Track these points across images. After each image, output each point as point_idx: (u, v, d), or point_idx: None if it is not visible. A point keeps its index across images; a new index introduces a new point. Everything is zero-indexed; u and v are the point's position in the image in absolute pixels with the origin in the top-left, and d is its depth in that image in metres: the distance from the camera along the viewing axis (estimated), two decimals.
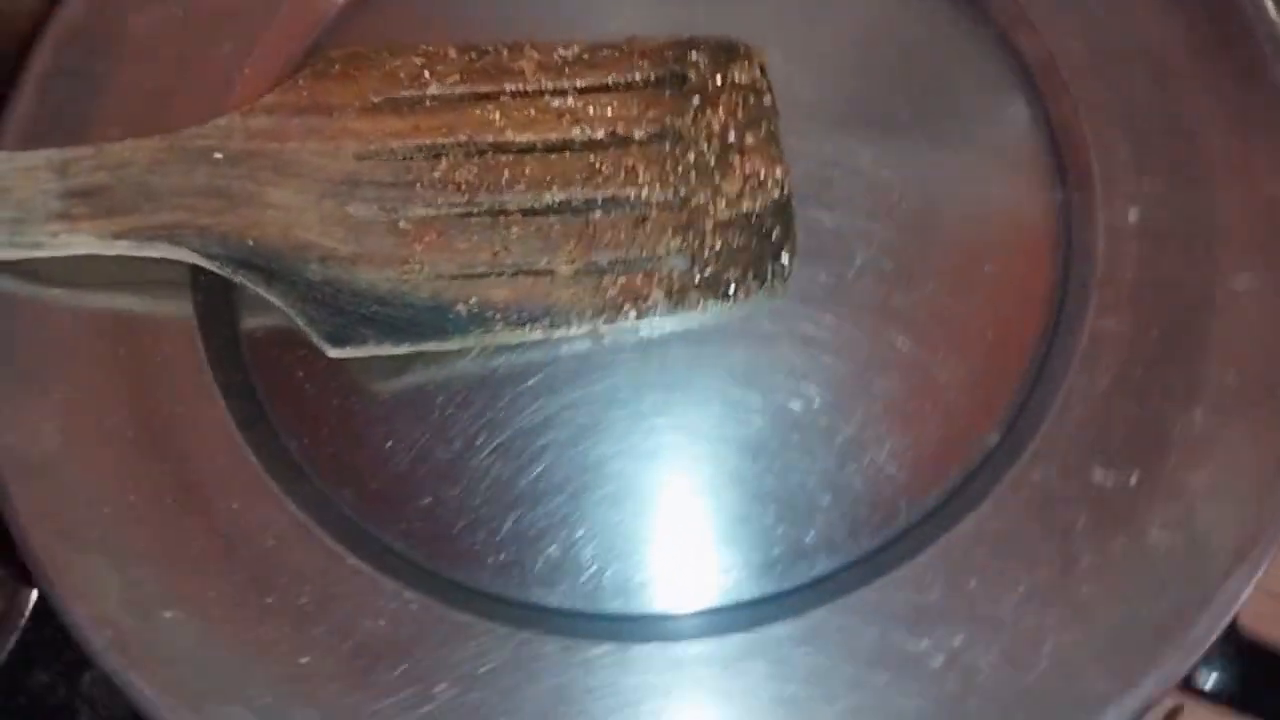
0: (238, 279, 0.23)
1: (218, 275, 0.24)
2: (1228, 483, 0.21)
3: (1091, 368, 0.23)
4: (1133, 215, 0.24)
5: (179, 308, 0.24)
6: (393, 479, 0.23)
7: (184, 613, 0.21)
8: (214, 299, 0.25)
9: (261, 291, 0.23)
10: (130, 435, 0.23)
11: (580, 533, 0.22)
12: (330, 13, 0.27)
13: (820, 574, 0.22)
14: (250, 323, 0.25)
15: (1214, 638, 0.20)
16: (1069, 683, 0.20)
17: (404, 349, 0.23)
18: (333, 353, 0.23)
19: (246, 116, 0.25)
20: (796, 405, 0.23)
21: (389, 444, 0.23)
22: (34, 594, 0.40)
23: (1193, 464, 0.21)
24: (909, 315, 0.24)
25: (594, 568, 0.22)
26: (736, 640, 0.21)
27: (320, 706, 0.20)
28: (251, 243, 0.23)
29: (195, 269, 0.24)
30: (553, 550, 0.22)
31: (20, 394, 0.23)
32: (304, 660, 0.21)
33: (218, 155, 0.24)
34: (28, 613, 0.40)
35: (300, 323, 0.23)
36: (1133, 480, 0.22)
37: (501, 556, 0.22)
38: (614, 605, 0.22)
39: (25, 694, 0.41)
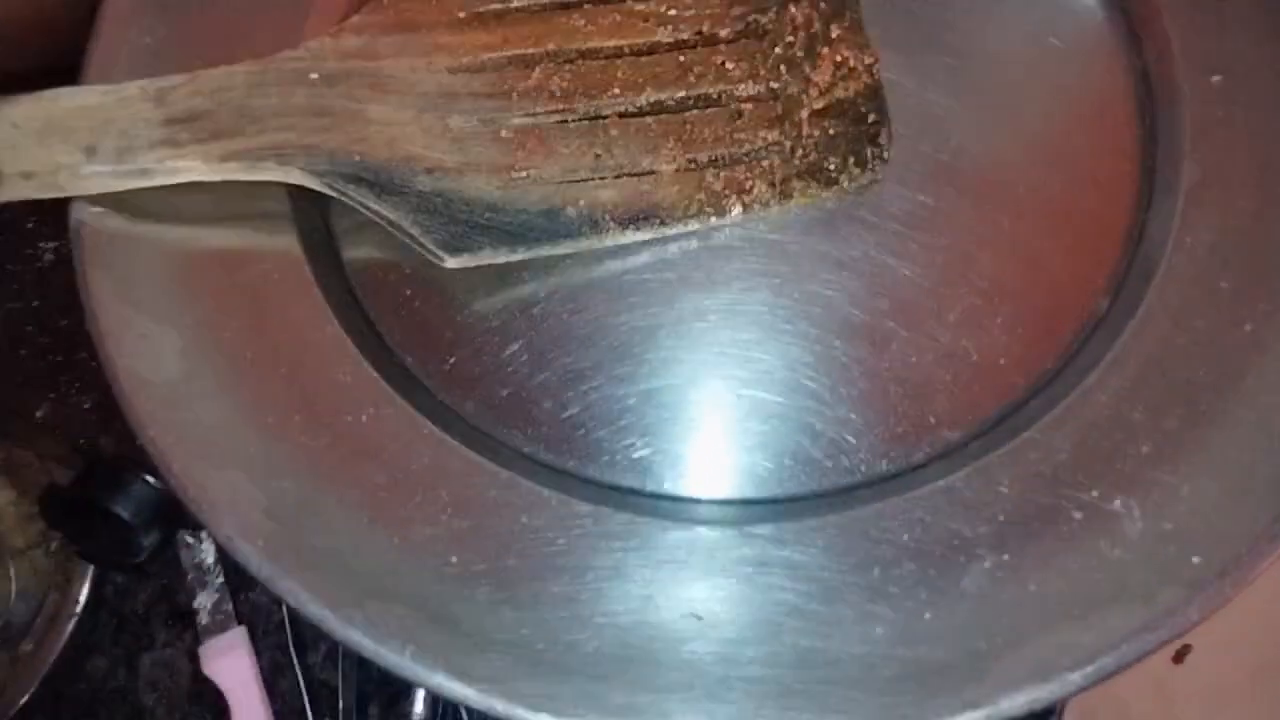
0: (348, 196, 0.23)
1: (316, 208, 0.24)
2: None
3: (1192, 226, 0.23)
4: (1216, 78, 0.24)
5: (284, 240, 0.24)
6: (516, 386, 0.23)
7: (331, 515, 0.21)
8: (315, 230, 0.25)
9: (372, 205, 0.23)
10: (250, 357, 0.23)
11: (710, 426, 0.23)
12: None
13: (946, 447, 0.22)
14: (353, 254, 0.25)
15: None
16: (1207, 532, 0.20)
17: (519, 255, 0.23)
18: (450, 262, 0.23)
19: (337, 38, 0.25)
20: (906, 286, 0.24)
21: (506, 353, 0.24)
22: (87, 584, 0.40)
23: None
24: (1005, 193, 0.24)
25: (736, 454, 0.22)
26: (871, 510, 0.21)
27: (479, 599, 0.20)
28: (358, 158, 0.23)
29: (295, 201, 0.24)
30: (685, 444, 0.23)
31: (140, 325, 0.23)
32: (453, 560, 0.21)
33: (314, 76, 0.24)
34: (82, 601, 0.40)
35: (415, 233, 0.23)
36: (1248, 327, 0.22)
37: (637, 452, 0.23)
38: (753, 492, 0.22)
39: (85, 680, 0.41)
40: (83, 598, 0.41)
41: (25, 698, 0.40)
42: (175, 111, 0.23)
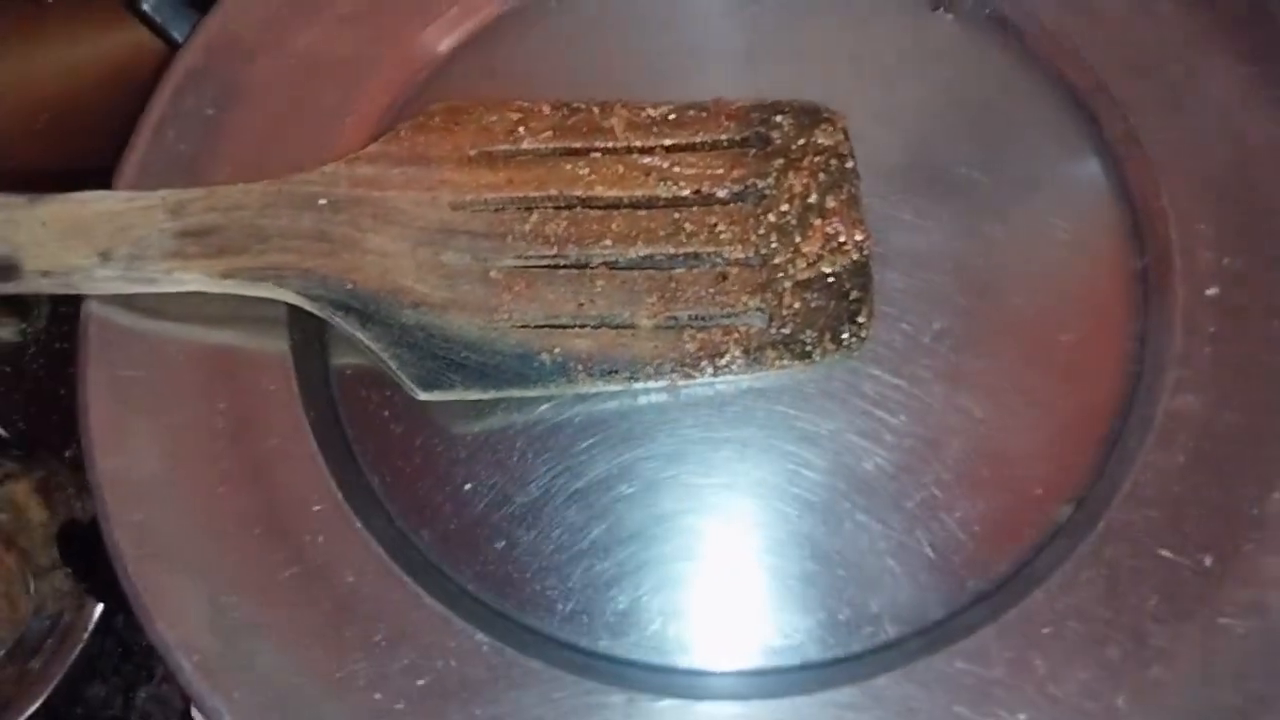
0: (335, 320, 0.24)
1: (313, 315, 0.25)
2: None
3: (1168, 444, 0.23)
4: (1212, 291, 0.24)
5: (276, 345, 0.25)
6: (469, 521, 0.24)
7: (266, 640, 0.22)
8: (308, 338, 0.26)
9: (356, 334, 0.24)
10: (225, 465, 0.24)
11: (647, 586, 0.23)
12: (431, 64, 0.29)
13: (885, 641, 0.22)
14: (340, 361, 0.26)
15: None
16: None
17: (490, 394, 0.24)
18: (422, 395, 0.24)
19: (351, 164, 0.26)
20: (868, 468, 0.24)
21: (467, 486, 0.24)
22: (98, 609, 0.42)
23: (1270, 548, 0.21)
24: (983, 382, 0.24)
25: (659, 622, 0.23)
26: (799, 703, 0.21)
27: None
28: (350, 286, 0.24)
29: (292, 308, 0.25)
30: (620, 601, 0.23)
31: (128, 420, 0.24)
32: (378, 696, 0.21)
33: (323, 201, 0.25)
34: (91, 627, 0.42)
35: (393, 366, 0.24)
36: (1207, 562, 0.21)
37: (571, 605, 0.23)
38: (679, 660, 0.22)
39: (83, 704, 0.42)
40: (92, 624, 0.42)
41: (26, 715, 0.41)
42: (189, 224, 0.25)
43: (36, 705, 0.41)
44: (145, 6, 0.30)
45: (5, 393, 0.41)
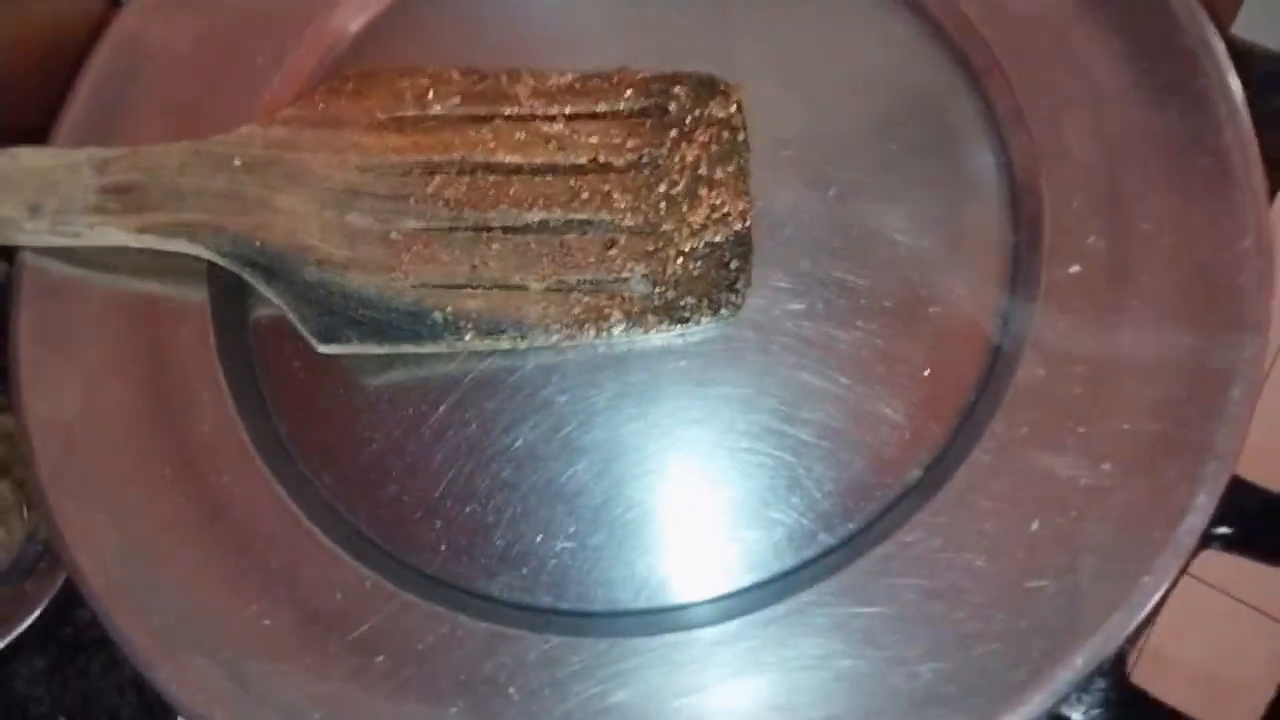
0: (244, 275, 0.26)
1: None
2: (1119, 538, 0.22)
3: (1012, 417, 0.24)
4: (1074, 269, 0.25)
5: (196, 294, 0.27)
6: (365, 467, 0.26)
7: (170, 569, 0.24)
8: (228, 289, 0.27)
9: (261, 288, 0.26)
10: (139, 407, 0.26)
11: (523, 529, 0.25)
12: (351, 32, 0.30)
13: (738, 588, 0.24)
14: (258, 312, 0.28)
15: (1081, 680, 0.21)
16: (939, 709, 0.21)
17: (384, 349, 0.26)
18: (321, 349, 0.26)
19: (266, 127, 0.27)
20: (737, 430, 0.25)
21: (366, 435, 0.26)
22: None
23: (1092, 516, 0.23)
24: (851, 352, 0.26)
25: (534, 564, 0.24)
26: (645, 644, 0.23)
27: (275, 664, 0.23)
28: (259, 244, 0.26)
29: (213, 266, 0.27)
30: (499, 542, 0.25)
31: (51, 364, 0.26)
32: (266, 622, 0.23)
33: (237, 162, 0.27)
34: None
35: (294, 319, 0.26)
36: (1033, 525, 0.23)
37: (453, 545, 0.25)
38: (547, 599, 0.24)
39: (71, 624, 0.45)
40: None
41: (21, 629, 0.44)
42: (112, 181, 0.26)
43: (28, 623, 0.44)
44: None
45: None
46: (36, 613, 0.44)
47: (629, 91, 0.28)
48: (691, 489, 0.25)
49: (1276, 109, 0.50)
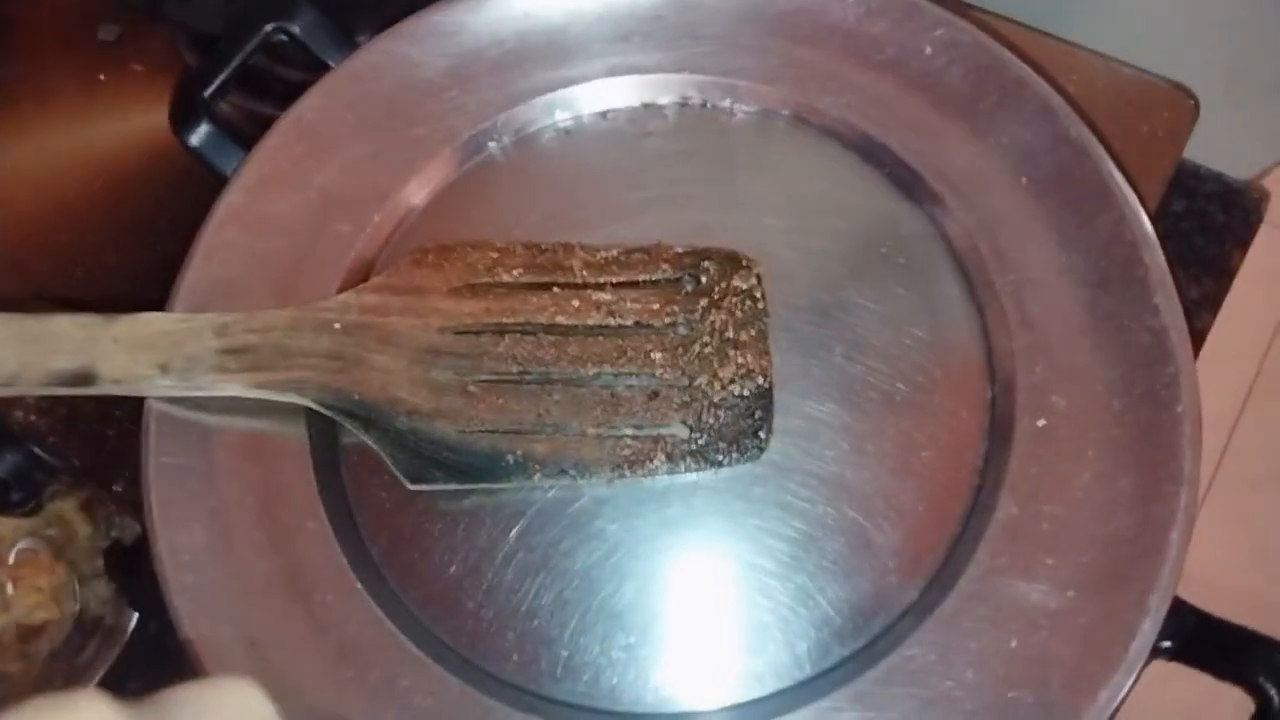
0: (345, 423, 0.31)
1: None
2: (1082, 656, 0.27)
3: (993, 549, 0.29)
4: (1041, 422, 0.30)
5: (296, 432, 0.32)
6: (446, 585, 0.30)
7: (287, 678, 0.28)
8: (323, 430, 0.32)
9: (360, 434, 0.31)
10: (254, 535, 0.30)
11: (583, 642, 0.29)
12: (418, 205, 0.35)
13: (764, 694, 0.28)
14: (348, 442, 0.32)
15: None
16: None
17: (464, 486, 0.31)
18: (411, 487, 0.30)
19: (359, 294, 0.32)
20: (763, 556, 0.30)
21: (446, 556, 0.31)
22: (135, 616, 0.49)
23: (1060, 636, 0.27)
24: (858, 489, 0.30)
25: (591, 672, 0.29)
26: None
27: None
28: (357, 397, 0.31)
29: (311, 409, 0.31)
30: (563, 653, 0.29)
31: (180, 500, 0.30)
32: None
33: (337, 325, 0.32)
34: (129, 630, 0.49)
35: (388, 461, 0.30)
36: (1012, 644, 0.28)
37: (524, 655, 0.29)
38: (605, 703, 0.29)
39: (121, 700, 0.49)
40: (130, 628, 0.49)
41: None
42: (230, 343, 0.31)
43: None
44: (193, 142, 0.36)
45: (62, 431, 0.47)
46: (89, 688, 0.48)
47: (665, 264, 0.33)
48: (724, 607, 0.30)
49: (1220, 223, 0.57)
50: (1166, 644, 0.28)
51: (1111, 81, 0.49)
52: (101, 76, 0.54)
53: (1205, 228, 0.56)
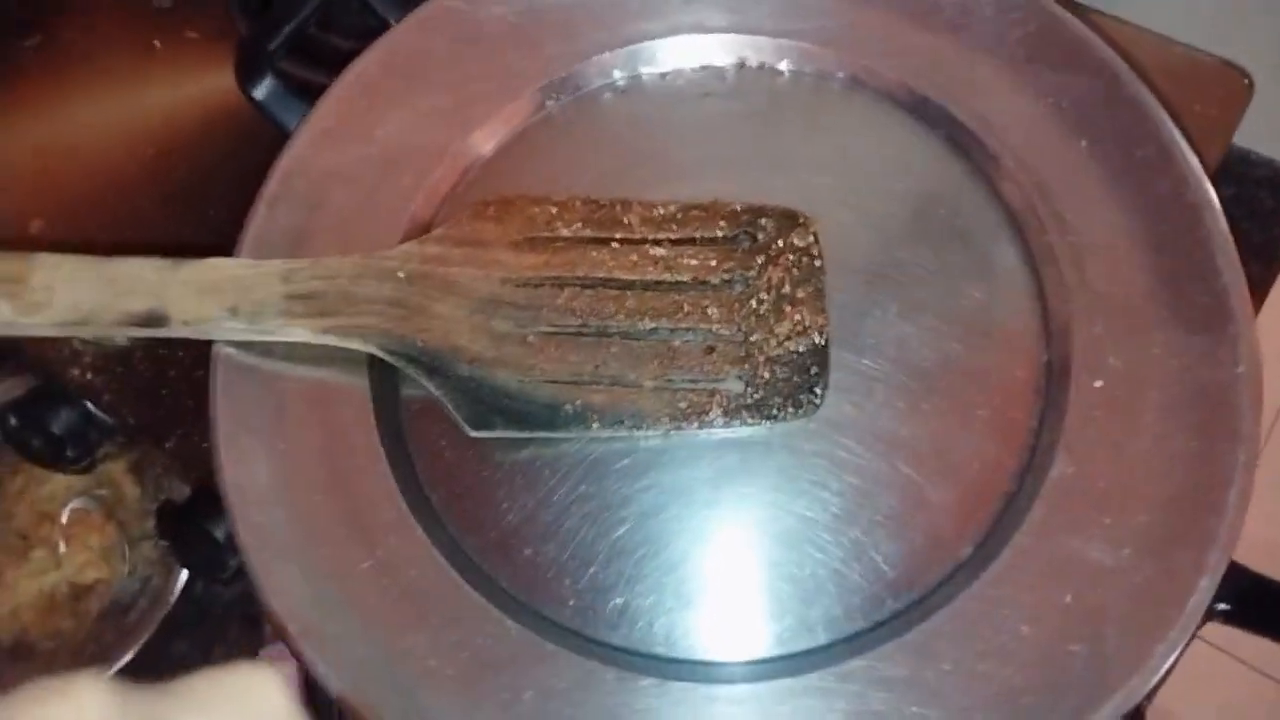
0: (407, 370, 0.31)
1: None
2: (1138, 612, 0.27)
3: (1048, 506, 0.29)
4: (1099, 383, 0.30)
5: (359, 382, 0.32)
6: (505, 532, 0.31)
7: (350, 616, 0.29)
8: (384, 377, 0.32)
9: (423, 381, 0.31)
10: (317, 477, 0.31)
11: (639, 590, 0.30)
12: (483, 156, 0.35)
13: (816, 645, 0.29)
14: (409, 396, 0.33)
15: None
16: None
17: (524, 434, 0.31)
18: (472, 433, 0.31)
19: (422, 244, 0.33)
20: (817, 509, 0.30)
21: (504, 504, 0.31)
22: (183, 576, 0.50)
23: (1115, 593, 0.28)
24: (912, 445, 0.31)
25: (647, 618, 0.29)
26: (744, 689, 0.28)
27: (440, 698, 0.28)
28: (420, 344, 0.31)
29: (373, 356, 0.32)
30: (619, 600, 0.30)
31: (246, 441, 0.31)
32: (432, 663, 0.28)
33: (400, 274, 0.32)
34: (177, 591, 0.50)
35: (450, 408, 0.31)
36: (1067, 599, 0.28)
37: (580, 601, 0.30)
38: (660, 649, 0.29)
39: (167, 658, 0.50)
40: (178, 588, 0.50)
41: (123, 662, 0.49)
42: (297, 289, 0.32)
43: (129, 656, 0.49)
44: (258, 95, 0.37)
45: (117, 389, 0.48)
46: (138, 646, 0.49)
47: (722, 221, 0.33)
48: (778, 559, 0.30)
49: (1269, 209, 0.57)
50: (1222, 606, 0.28)
51: (1162, 60, 0.48)
52: (156, 43, 0.55)
53: (1254, 213, 0.56)
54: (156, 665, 0.50)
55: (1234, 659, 0.80)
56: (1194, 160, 0.32)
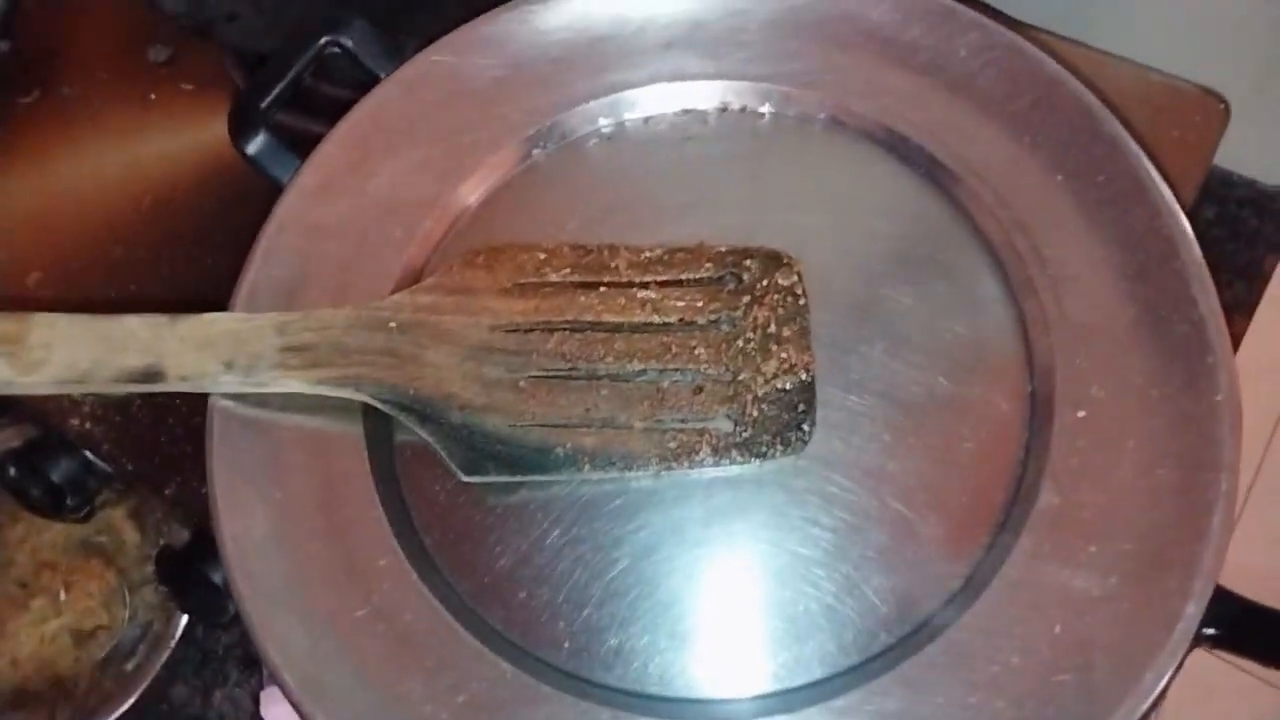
0: (400, 418, 0.32)
1: None
2: (1126, 640, 0.27)
3: (1035, 537, 0.29)
4: (1081, 413, 0.31)
5: (353, 428, 0.33)
6: (498, 576, 0.31)
7: (347, 663, 0.29)
8: (378, 425, 0.33)
9: (415, 428, 0.32)
10: (314, 527, 0.31)
11: (633, 630, 0.30)
12: (470, 209, 0.36)
13: (812, 680, 0.29)
14: (403, 439, 0.33)
15: None
16: None
17: (516, 478, 0.31)
18: (465, 478, 0.31)
19: (414, 294, 0.33)
20: (809, 546, 0.31)
21: (497, 548, 0.31)
22: (183, 621, 0.50)
23: (1103, 622, 0.28)
24: (901, 479, 0.31)
25: (641, 659, 0.30)
26: None
27: None
28: (412, 392, 0.32)
29: (367, 405, 0.32)
30: (613, 641, 0.30)
31: (243, 492, 0.31)
32: (428, 708, 0.29)
33: (392, 324, 0.33)
34: (177, 636, 0.50)
35: (443, 455, 0.31)
36: (1056, 629, 0.28)
37: (574, 643, 0.30)
38: (656, 689, 0.29)
39: (168, 702, 0.50)
40: (178, 633, 0.50)
41: (124, 709, 0.49)
42: (290, 341, 0.32)
43: (130, 702, 0.49)
44: (250, 151, 0.37)
45: (116, 438, 0.49)
46: (139, 692, 0.49)
47: (708, 263, 0.34)
48: (770, 596, 0.30)
49: (1252, 227, 0.57)
50: (1210, 631, 0.28)
51: (1140, 88, 0.49)
52: (152, 96, 0.56)
53: (1237, 233, 0.57)
54: (157, 711, 0.51)
55: (1236, 667, 0.80)
56: (1168, 193, 0.32)
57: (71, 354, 0.31)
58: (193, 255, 0.51)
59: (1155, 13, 0.61)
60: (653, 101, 0.37)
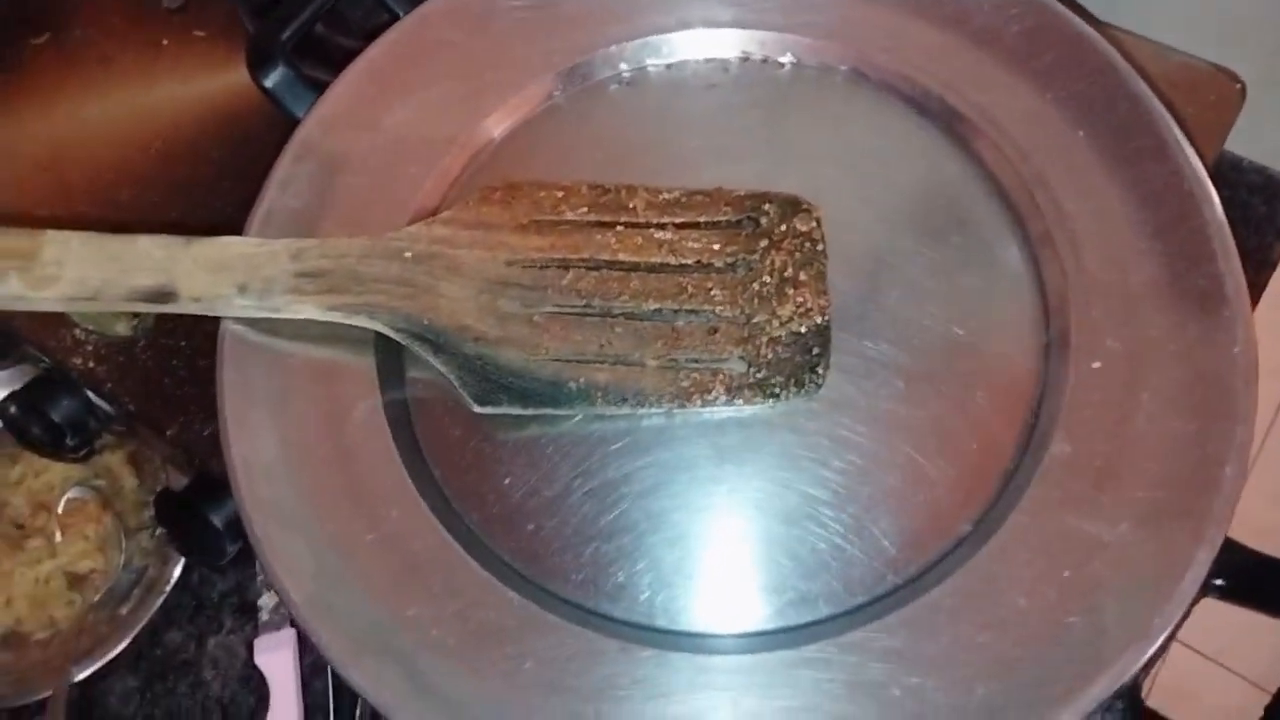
0: (414, 347, 0.32)
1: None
2: (1135, 586, 0.27)
3: (1046, 484, 0.29)
4: (1096, 364, 0.31)
5: (364, 358, 0.33)
6: (507, 508, 0.31)
7: (353, 587, 0.29)
8: (390, 355, 0.33)
9: (429, 358, 0.31)
10: (323, 452, 0.31)
11: (640, 565, 0.30)
12: (489, 147, 0.36)
13: (819, 618, 0.29)
14: (414, 375, 0.33)
15: (1104, 699, 0.26)
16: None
17: (529, 411, 0.31)
18: (477, 409, 0.31)
19: (430, 226, 0.33)
20: (818, 487, 0.31)
21: (507, 480, 0.31)
22: (179, 566, 0.50)
23: (1112, 567, 0.28)
24: (913, 425, 0.31)
25: (648, 593, 0.30)
26: (743, 660, 0.28)
27: (442, 667, 0.28)
28: (426, 322, 0.32)
29: (380, 334, 0.32)
30: (620, 574, 0.30)
31: (253, 416, 0.31)
32: (434, 632, 0.29)
33: (408, 254, 0.32)
34: (172, 581, 0.50)
35: (456, 385, 0.31)
36: (1065, 573, 0.28)
37: (581, 576, 0.30)
38: (661, 621, 0.29)
39: (162, 647, 0.50)
40: (173, 579, 0.50)
41: (116, 652, 0.49)
42: (305, 267, 0.32)
43: (124, 645, 0.49)
44: (269, 83, 0.37)
45: (119, 378, 0.48)
46: (131, 636, 0.49)
47: (726, 206, 0.34)
48: (780, 535, 0.30)
49: (1261, 214, 0.57)
50: (1219, 581, 0.29)
51: (1158, 67, 0.49)
52: (164, 42, 0.56)
53: (1246, 219, 0.57)
54: (152, 655, 0.50)
55: (1225, 669, 0.80)
56: (1190, 151, 0.32)
57: (83, 271, 0.31)
58: (202, 199, 0.51)
59: None
60: (676, 48, 0.37)
